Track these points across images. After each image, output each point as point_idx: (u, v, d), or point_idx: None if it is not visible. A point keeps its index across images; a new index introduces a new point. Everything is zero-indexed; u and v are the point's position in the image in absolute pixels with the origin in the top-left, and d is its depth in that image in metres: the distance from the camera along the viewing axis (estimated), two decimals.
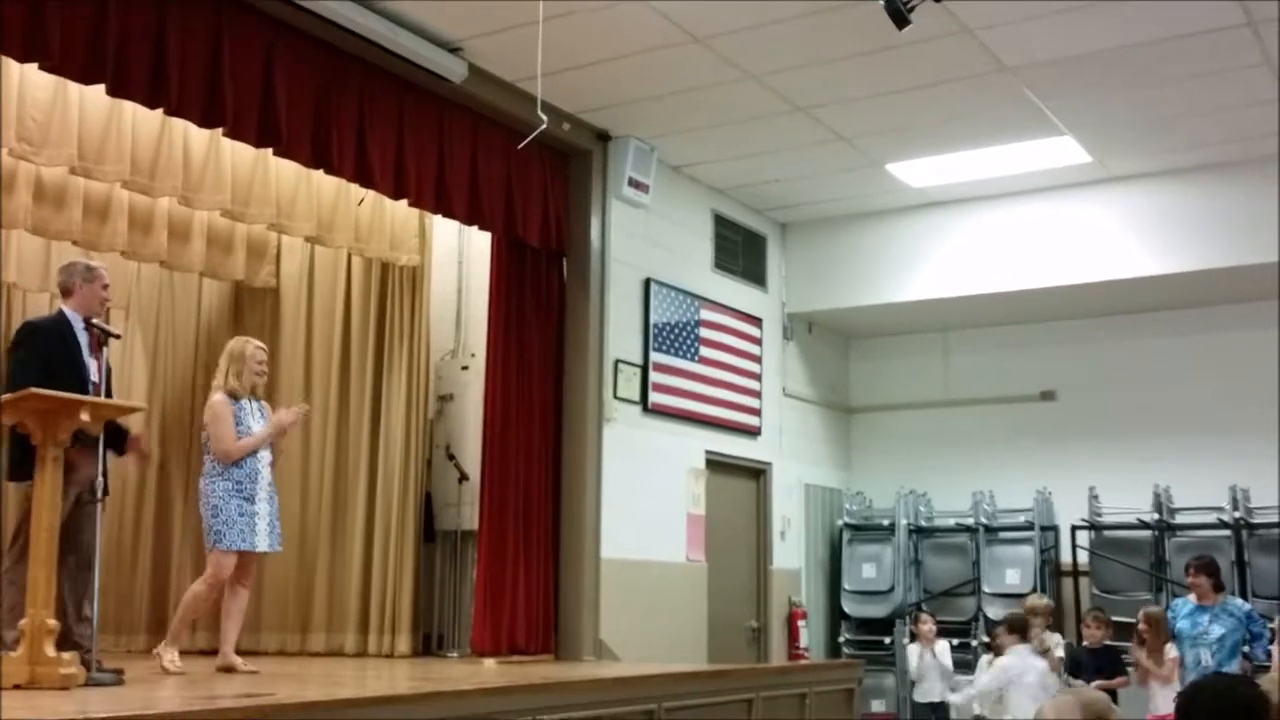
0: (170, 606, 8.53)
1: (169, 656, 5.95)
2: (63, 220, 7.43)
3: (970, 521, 10.33)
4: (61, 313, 5.72)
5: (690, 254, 9.40)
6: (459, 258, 8.78)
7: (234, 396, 6.18)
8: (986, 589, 10.06)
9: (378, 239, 8.19)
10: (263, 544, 6.16)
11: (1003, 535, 10.22)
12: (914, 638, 9.22)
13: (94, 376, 5.61)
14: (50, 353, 5.45)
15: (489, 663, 7.43)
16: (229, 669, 6.05)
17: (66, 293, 5.74)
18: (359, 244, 8.17)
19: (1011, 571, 10.02)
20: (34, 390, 4.89)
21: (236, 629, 6.24)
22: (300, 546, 8.36)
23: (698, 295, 9.35)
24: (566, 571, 8.11)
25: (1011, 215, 9.69)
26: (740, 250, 9.98)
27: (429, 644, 8.34)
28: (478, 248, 8.52)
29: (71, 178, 7.19)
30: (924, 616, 9.21)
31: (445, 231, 8.61)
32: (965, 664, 9.25)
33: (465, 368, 8.60)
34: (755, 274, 10.15)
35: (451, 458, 8.44)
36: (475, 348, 8.47)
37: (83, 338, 5.63)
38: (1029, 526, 10.09)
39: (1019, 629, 7.85)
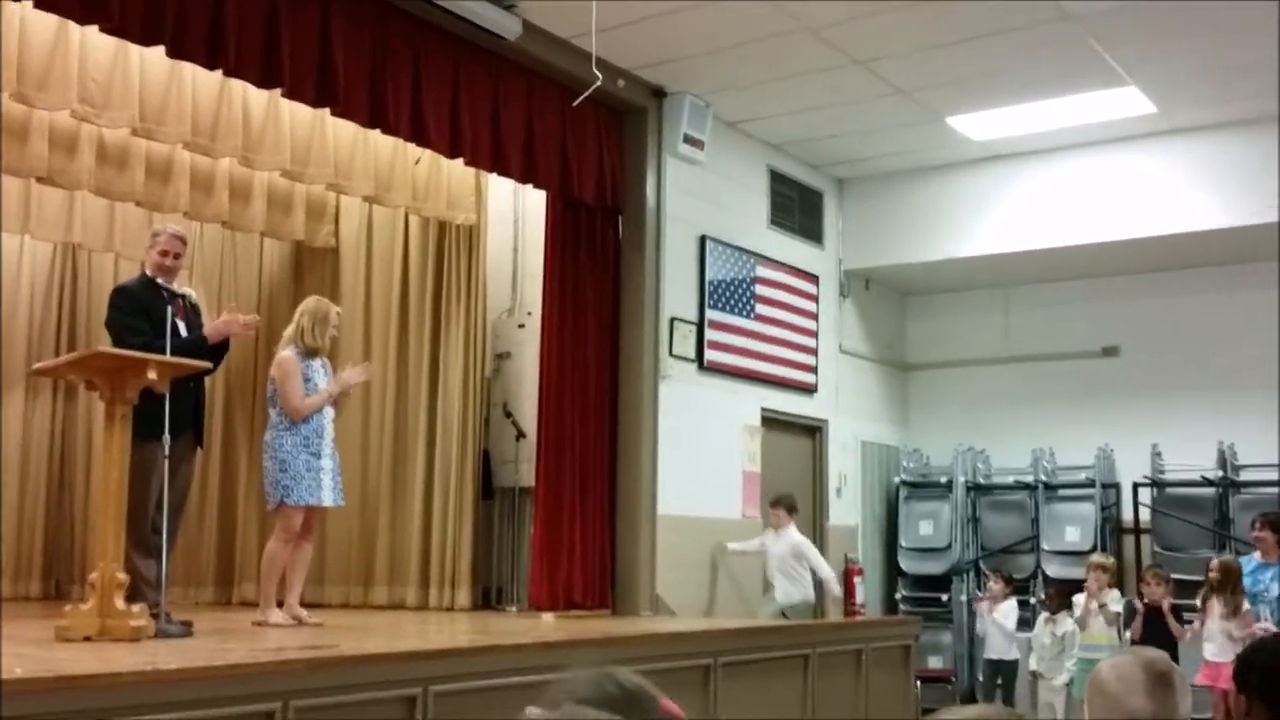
0: (236, 558, 8.87)
1: (275, 618, 6.06)
2: (126, 181, 7.55)
3: (1030, 479, 10.22)
4: (143, 274, 5.86)
5: (746, 211, 9.34)
6: (515, 216, 8.80)
7: (310, 354, 6.25)
8: (1046, 546, 9.97)
9: (434, 198, 8.22)
10: (328, 499, 6.24)
11: (1063, 492, 10.11)
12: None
13: (185, 334, 5.69)
14: (136, 311, 5.58)
15: (547, 617, 7.50)
16: (296, 620, 6.15)
17: (146, 256, 5.88)
18: (416, 203, 8.21)
19: (1071, 529, 9.92)
20: (100, 349, 5.04)
21: (301, 582, 6.34)
22: (362, 502, 8.46)
23: (753, 252, 9.30)
24: (623, 528, 8.15)
25: (1073, 168, 9.51)
26: (796, 207, 9.89)
27: (488, 598, 8.44)
28: (533, 206, 8.53)
29: (134, 139, 7.29)
30: (993, 575, 9.18)
31: (501, 190, 8.62)
32: (1024, 621, 9.18)
33: (521, 326, 8.63)
34: (811, 231, 10.07)
35: (509, 415, 8.49)
36: (531, 306, 8.50)
37: (167, 297, 5.73)
38: (1090, 484, 9.97)
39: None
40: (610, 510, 8.14)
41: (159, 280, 5.72)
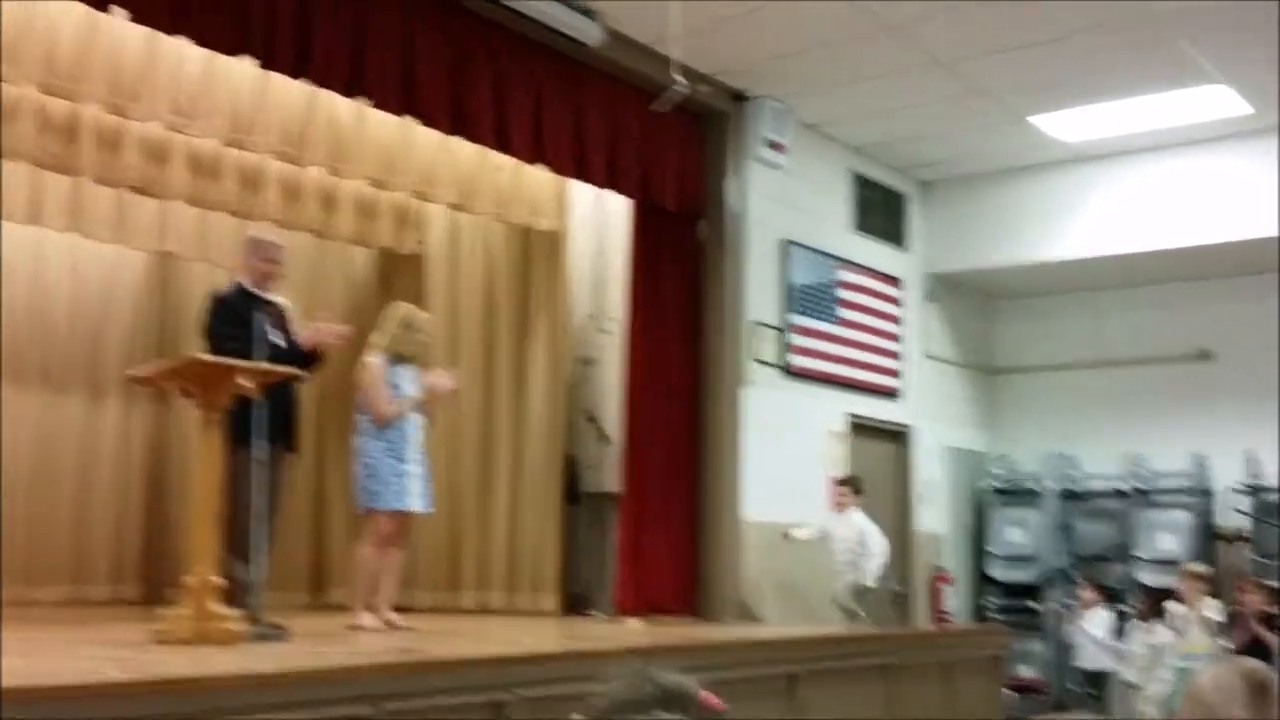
0: (328, 562, 8.97)
1: (368, 622, 6.10)
2: (217, 191, 7.68)
3: (1123, 485, 9.98)
4: (238, 282, 5.90)
5: (828, 214, 9.27)
6: (597, 222, 8.82)
7: (398, 360, 6.28)
8: (1139, 554, 9.72)
9: (518, 204, 8.25)
10: (416, 504, 6.27)
11: (1156, 499, 9.85)
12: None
13: (279, 342, 5.76)
14: (232, 319, 5.62)
15: (632, 622, 7.50)
16: (388, 624, 6.20)
17: (241, 264, 5.95)
18: (500, 210, 8.25)
19: (1165, 536, 9.66)
20: (195, 356, 5.09)
21: (392, 587, 6.38)
22: (450, 507, 8.52)
23: (836, 256, 9.23)
24: (707, 533, 8.12)
25: (1165, 169, 9.26)
26: (879, 210, 9.79)
27: (573, 603, 8.45)
28: (615, 212, 8.54)
29: (225, 149, 7.41)
30: (1084, 583, 8.99)
31: (583, 196, 8.64)
32: (1117, 630, 8.96)
33: (605, 331, 8.66)
34: (895, 234, 9.96)
35: (593, 420, 8.50)
36: (615, 311, 8.52)
37: (263, 308, 5.80)
38: (1184, 490, 9.70)
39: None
40: (694, 515, 8.12)
41: (255, 289, 5.79)
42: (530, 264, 8.61)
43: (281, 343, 5.74)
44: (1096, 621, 8.77)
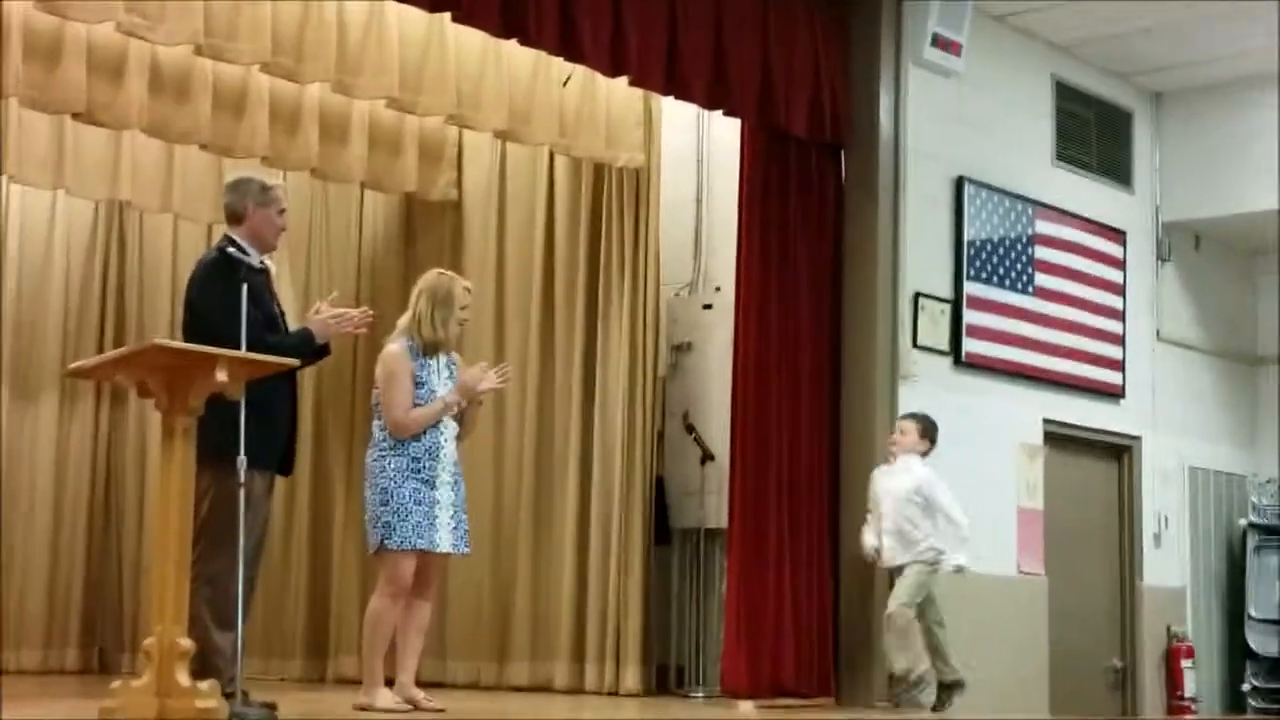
0: (331, 622, 9.14)
1: (383, 701, 6.22)
2: (186, 117, 7.81)
3: None
4: (232, 241, 5.97)
5: (1021, 140, 9.22)
6: (698, 156, 8.84)
7: (430, 349, 6.39)
8: None
9: (589, 133, 8.31)
10: (445, 543, 6.35)
11: None
12: None
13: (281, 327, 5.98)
14: (229, 295, 5.66)
15: (746, 707, 7.52)
16: (410, 704, 6.30)
17: (235, 218, 6.03)
18: (564, 140, 8.32)
19: None
20: (157, 342, 5.20)
21: (416, 653, 6.47)
22: (495, 549, 8.64)
23: (1032, 200, 9.19)
24: (849, 585, 8.16)
25: None
26: (1093, 134, 9.73)
27: (665, 679, 8.51)
28: (723, 142, 8.56)
29: (197, 61, 7.55)
30: None
31: (679, 121, 8.67)
32: None
33: (708, 306, 8.68)
34: (1115, 168, 9.90)
35: (691, 430, 8.55)
36: (721, 279, 8.55)
37: (262, 275, 5.95)
38: None
39: None
40: (832, 561, 8.17)
41: (253, 252, 5.89)
42: (605, 214, 8.66)
43: (289, 329, 5.94)
44: None
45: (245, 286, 5.54)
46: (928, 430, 7.89)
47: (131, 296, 9.90)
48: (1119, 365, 9.73)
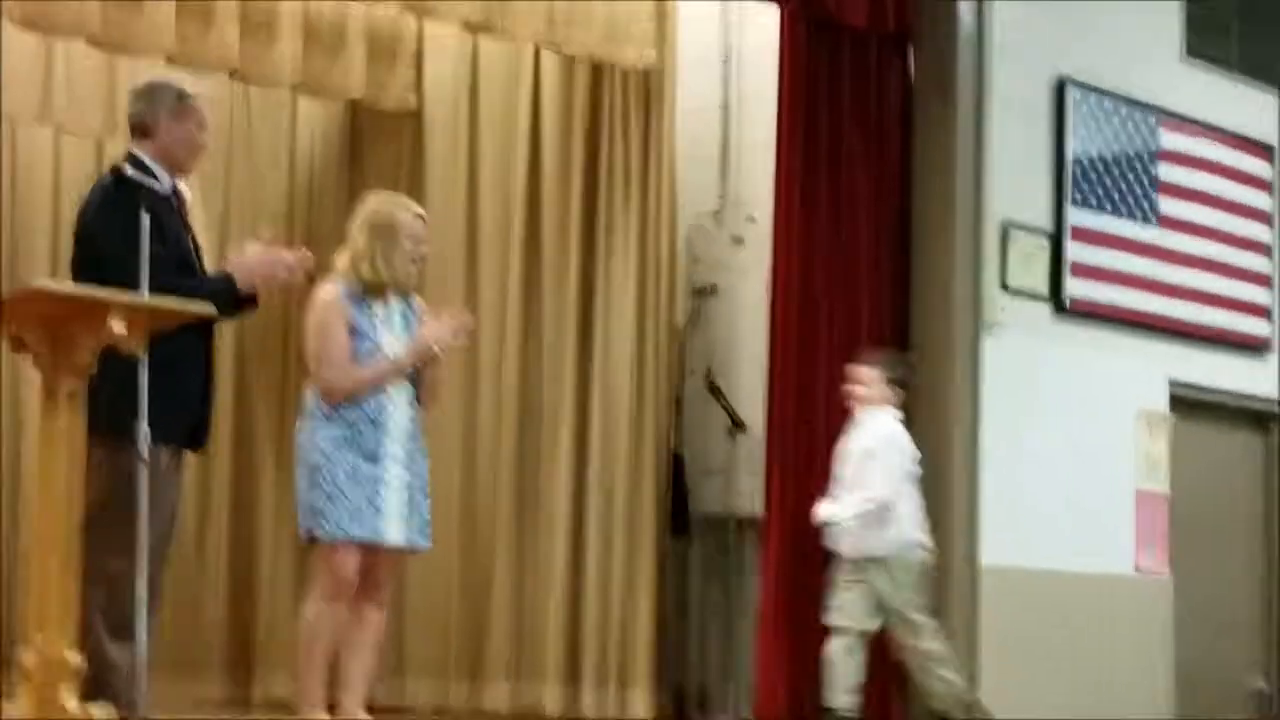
0: (258, 631, 9.02)
1: None
2: (70, 8, 7.63)
3: None
4: (137, 160, 5.77)
5: (1140, 32, 9.16)
6: (725, 54, 8.78)
7: (371, 292, 6.18)
8: None
9: (585, 24, 8.15)
10: (395, 533, 6.13)
11: None
12: None
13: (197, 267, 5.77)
14: (126, 223, 5.46)
15: None
16: None
17: (142, 132, 5.83)
18: (553, 34, 8.15)
19: None
20: (38, 285, 5.00)
21: (367, 671, 6.30)
22: (467, 543, 8.58)
23: (1155, 106, 9.14)
24: None
25: None
26: (1233, 22, 9.70)
27: (682, 704, 8.50)
28: (757, 36, 8.47)
29: None
30: None
31: (700, 10, 8.58)
32: None
33: (738, 240, 8.65)
34: (1261, 66, 9.81)
35: (716, 392, 8.49)
36: (754, 205, 8.50)
37: (173, 202, 5.78)
38: None
39: None
40: None
41: (164, 174, 5.71)
42: (607, 126, 8.61)
43: (207, 273, 5.78)
44: None
45: (149, 216, 5.33)
46: (898, 376, 7.70)
47: (4, 228, 9.54)
48: (1265, 312, 9.72)
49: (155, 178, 5.61)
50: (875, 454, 7.45)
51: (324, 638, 6.09)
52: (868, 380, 7.60)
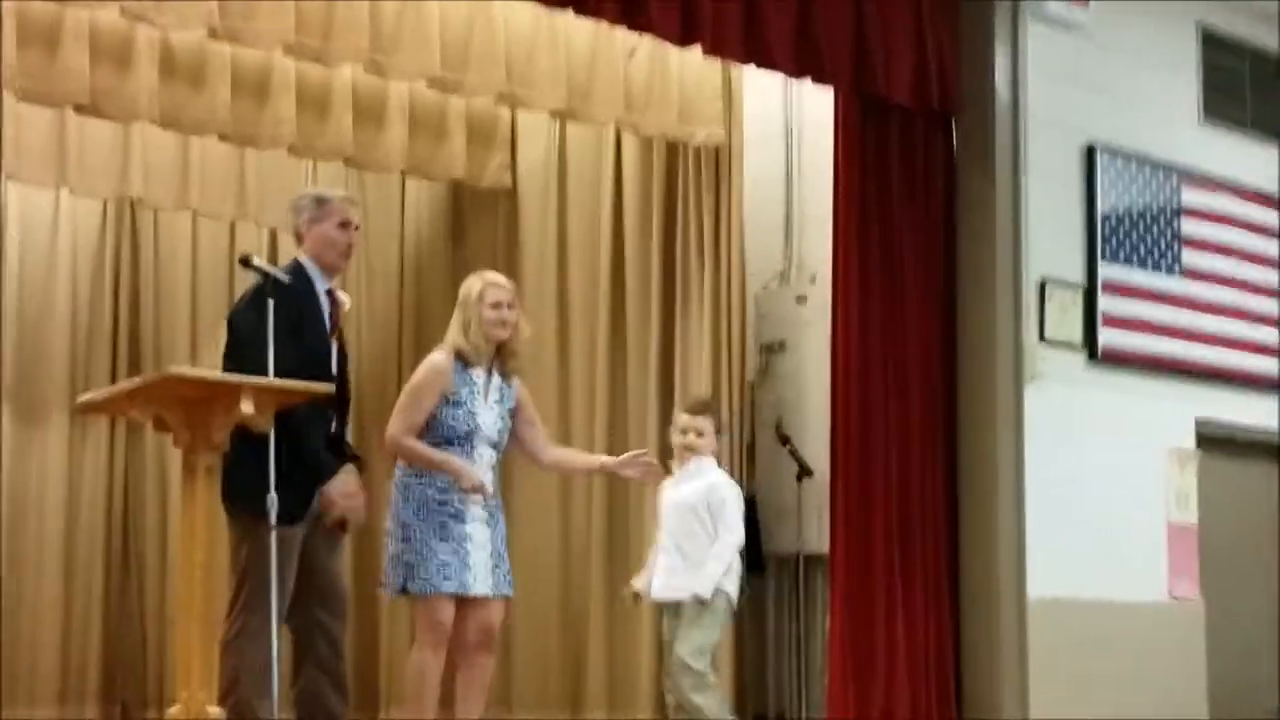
0: (381, 668, 9.43)
1: None
2: (203, 105, 8.11)
3: None
4: (298, 264, 6.23)
5: (1161, 99, 9.22)
6: (786, 129, 8.97)
7: (466, 360, 6.47)
8: None
9: (660, 108, 8.48)
10: (480, 585, 6.43)
11: None
12: None
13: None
14: (294, 317, 5.93)
15: None
16: None
17: (298, 239, 6.30)
18: (631, 117, 8.51)
19: None
20: (174, 371, 5.47)
21: (477, 709, 6.62)
22: (564, 584, 8.89)
23: (1176, 167, 9.18)
24: (972, 619, 8.25)
25: None
26: (1246, 86, 9.68)
27: None
28: (815, 114, 8.66)
29: (211, 44, 7.83)
30: None
31: (763, 92, 8.82)
32: None
33: (801, 300, 8.82)
34: (1274, 125, 9.81)
35: (786, 442, 8.67)
36: (816, 268, 8.69)
37: (324, 301, 6.19)
38: None
39: None
40: (952, 591, 8.27)
41: (318, 279, 6.15)
42: (681, 199, 8.86)
43: (331, 368, 6.17)
44: None
45: (286, 309, 5.74)
46: (720, 425, 7.50)
47: (147, 301, 10.11)
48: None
49: (309, 280, 6.06)
50: (727, 501, 7.14)
51: (430, 683, 6.40)
52: (706, 432, 7.26)
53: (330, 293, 6.25)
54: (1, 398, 9.55)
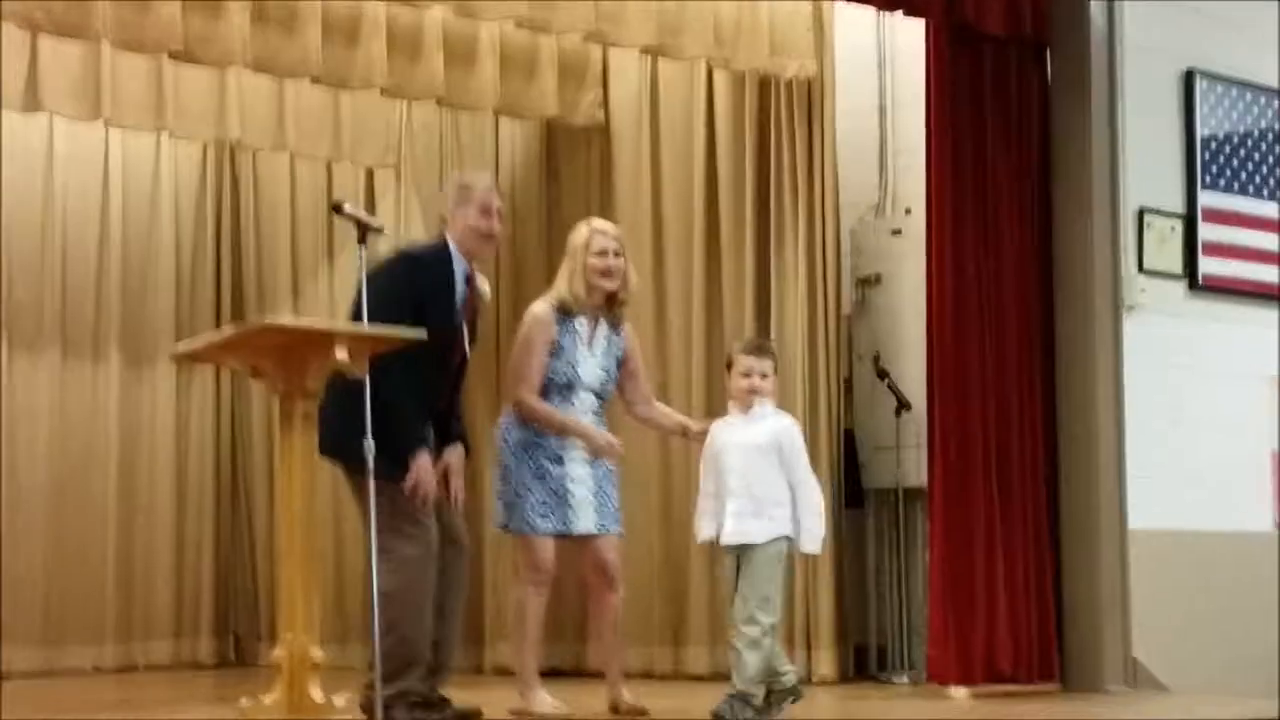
0: (486, 605, 9.51)
1: (541, 705, 6.57)
2: (295, 49, 8.17)
3: None
4: (444, 245, 6.38)
5: (1260, 21, 9.03)
6: (878, 63, 8.96)
7: (568, 309, 6.62)
8: None
9: (750, 42, 8.44)
10: (583, 523, 6.62)
11: None
12: None
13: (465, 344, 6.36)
14: (424, 295, 6.09)
15: (959, 694, 7.68)
16: (613, 708, 6.80)
17: (446, 222, 6.47)
18: (722, 52, 8.47)
19: None
20: (270, 321, 5.65)
21: (617, 652, 6.98)
22: (665, 524, 8.92)
23: (1278, 90, 9.05)
24: (1073, 553, 8.21)
25: None
26: None
27: (864, 662, 8.70)
28: (908, 45, 8.64)
29: None
30: None
31: (855, 24, 8.80)
32: None
33: (897, 233, 8.78)
34: None
35: (883, 375, 8.65)
36: (911, 200, 8.64)
37: (461, 285, 6.31)
38: None
39: None
40: (1051, 524, 8.23)
41: (459, 261, 6.28)
42: (773, 132, 8.81)
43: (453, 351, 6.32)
44: None
45: (413, 285, 6.00)
46: (777, 365, 7.10)
47: (249, 241, 10.50)
48: None
49: (448, 261, 6.21)
50: (799, 445, 6.80)
51: (531, 619, 6.63)
52: (769, 373, 6.84)
53: (470, 278, 6.36)
54: (112, 341, 9.78)
